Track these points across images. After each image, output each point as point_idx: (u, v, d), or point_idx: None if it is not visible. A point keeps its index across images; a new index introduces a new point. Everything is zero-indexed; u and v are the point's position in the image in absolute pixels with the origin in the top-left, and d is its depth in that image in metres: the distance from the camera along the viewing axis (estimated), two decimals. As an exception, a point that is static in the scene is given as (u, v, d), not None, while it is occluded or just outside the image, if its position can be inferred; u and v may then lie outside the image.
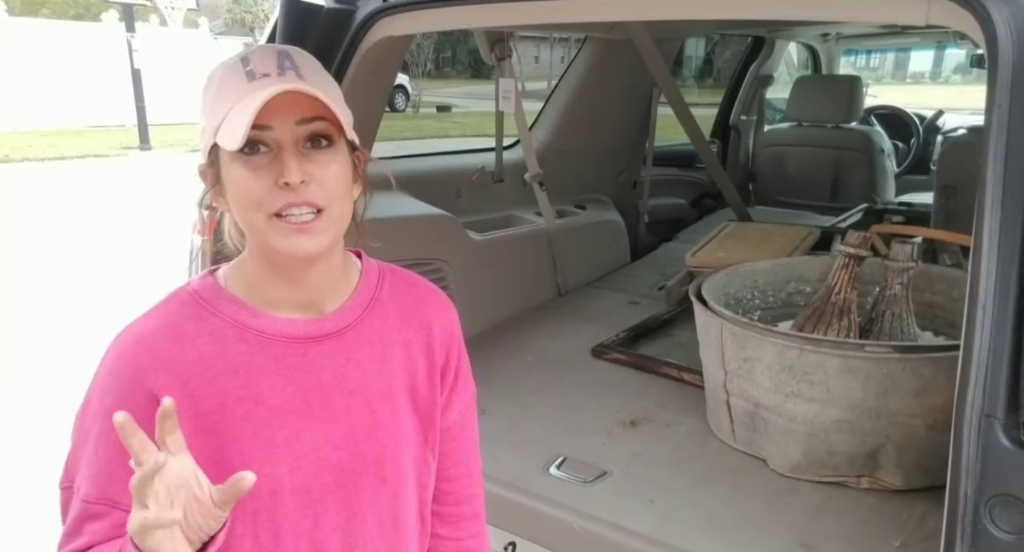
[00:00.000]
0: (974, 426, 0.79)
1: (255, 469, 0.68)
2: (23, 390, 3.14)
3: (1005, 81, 0.83)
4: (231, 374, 0.71)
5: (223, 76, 0.69)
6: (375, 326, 0.78)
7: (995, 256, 0.80)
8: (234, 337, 0.72)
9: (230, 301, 0.73)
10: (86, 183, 8.29)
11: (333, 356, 0.75)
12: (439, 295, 0.86)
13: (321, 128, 0.67)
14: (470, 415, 0.89)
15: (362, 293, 0.78)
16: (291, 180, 0.65)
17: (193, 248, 1.49)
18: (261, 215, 0.67)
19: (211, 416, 0.70)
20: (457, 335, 0.85)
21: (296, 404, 0.72)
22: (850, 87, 3.32)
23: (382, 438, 0.76)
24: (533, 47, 18.63)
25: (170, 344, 0.71)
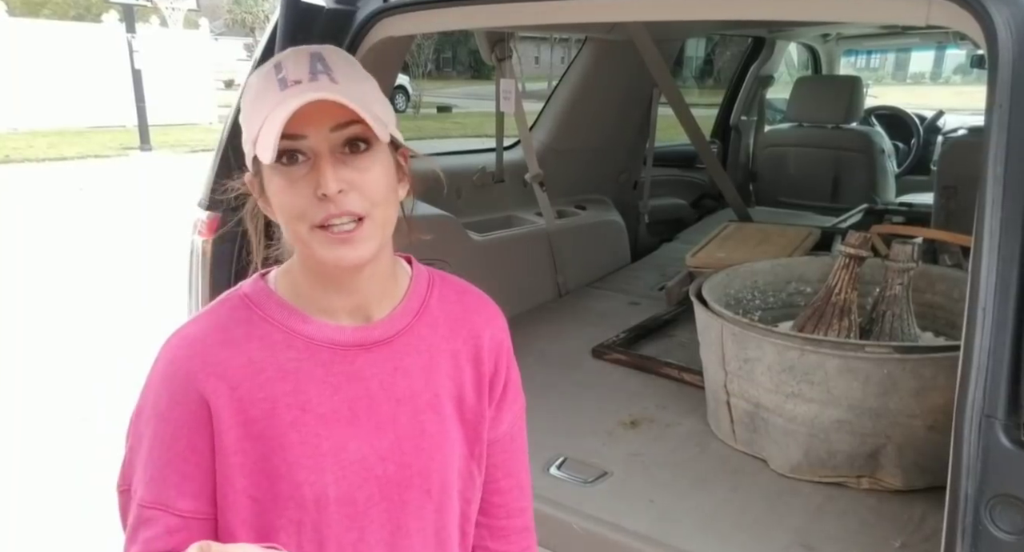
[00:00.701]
0: (974, 426, 0.79)
1: (301, 478, 0.69)
2: (23, 390, 3.14)
3: (1005, 81, 0.83)
4: (280, 380, 0.70)
5: (257, 84, 0.67)
6: (423, 334, 0.76)
7: (995, 256, 0.80)
8: (283, 343, 0.71)
9: (280, 306, 0.72)
10: (86, 184, 8.29)
11: (381, 364, 0.73)
12: (489, 304, 0.83)
13: (357, 132, 0.65)
14: (519, 426, 0.86)
15: (411, 300, 0.77)
16: (328, 191, 0.63)
17: (194, 249, 1.50)
18: (304, 226, 0.66)
19: (259, 422, 0.69)
20: (507, 345, 0.82)
21: (343, 412, 0.71)
22: (850, 87, 3.32)
23: (428, 449, 0.75)
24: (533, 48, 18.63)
25: (220, 349, 0.70)
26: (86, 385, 3.16)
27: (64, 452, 2.63)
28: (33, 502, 2.31)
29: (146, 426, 0.71)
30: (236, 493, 0.70)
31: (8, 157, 9.78)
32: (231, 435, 0.69)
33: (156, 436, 0.70)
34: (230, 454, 0.69)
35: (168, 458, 0.69)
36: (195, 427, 0.69)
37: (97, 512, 2.25)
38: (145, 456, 0.71)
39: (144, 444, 0.71)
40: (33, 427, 2.82)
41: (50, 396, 3.06)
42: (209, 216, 1.47)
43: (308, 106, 0.62)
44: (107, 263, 5.18)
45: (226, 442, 0.69)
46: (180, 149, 11.31)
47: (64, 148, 10.66)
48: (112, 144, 11.35)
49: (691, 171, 3.40)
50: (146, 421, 0.71)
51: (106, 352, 3.57)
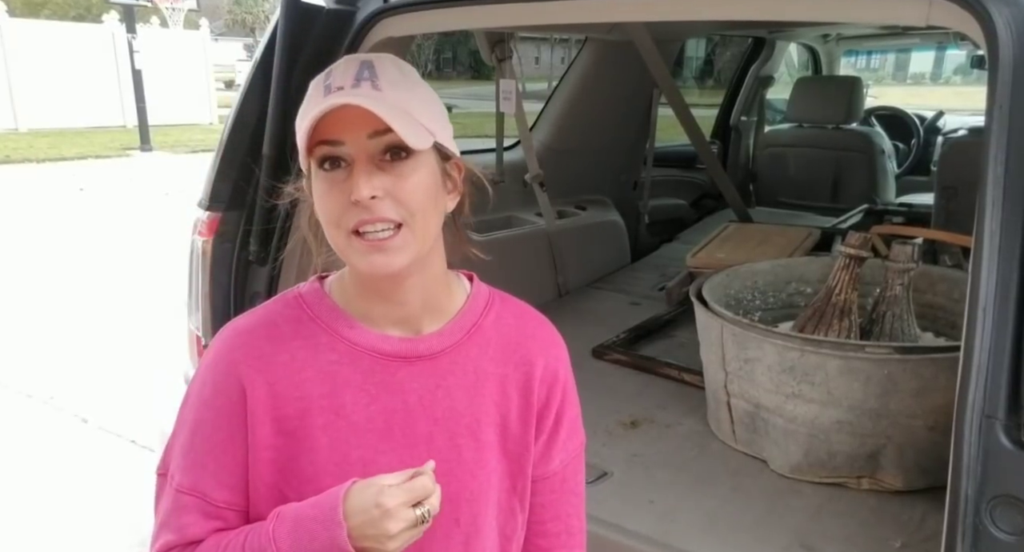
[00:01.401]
0: (975, 427, 0.79)
1: (326, 484, 0.68)
2: (22, 390, 3.14)
3: (1006, 82, 0.83)
4: (318, 382, 0.70)
5: (310, 91, 0.68)
6: (472, 355, 0.74)
7: (996, 257, 0.80)
8: (326, 345, 0.71)
9: (330, 309, 0.72)
10: (87, 184, 8.29)
11: (423, 380, 0.72)
12: (550, 331, 0.80)
13: (395, 140, 0.64)
14: (575, 467, 0.82)
15: (465, 318, 0.75)
16: (359, 197, 0.63)
17: (194, 248, 1.50)
18: (340, 233, 0.66)
19: (293, 421, 0.69)
20: (564, 377, 0.79)
21: (377, 423, 0.70)
22: (850, 88, 3.32)
23: (461, 476, 0.72)
24: (533, 48, 18.64)
25: (265, 343, 0.70)
26: (87, 386, 3.16)
27: (64, 452, 2.63)
28: (33, 502, 2.31)
29: (190, 412, 0.72)
30: (267, 487, 0.70)
31: (8, 157, 9.79)
32: (265, 430, 0.69)
33: (199, 423, 0.70)
34: (262, 448, 0.69)
35: (209, 447, 0.70)
36: (235, 417, 0.69)
37: (97, 512, 2.25)
38: (186, 442, 0.71)
39: (186, 430, 0.71)
40: (33, 427, 2.82)
41: (50, 396, 3.06)
42: (209, 216, 1.46)
43: (348, 113, 0.63)
44: (107, 263, 5.18)
45: (259, 436, 0.69)
46: (180, 149, 11.31)
47: (64, 148, 10.67)
48: (112, 144, 11.36)
49: (691, 171, 3.40)
50: (191, 407, 0.72)
51: (106, 352, 3.57)
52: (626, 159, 2.94)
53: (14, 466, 2.54)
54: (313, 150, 0.65)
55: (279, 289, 1.44)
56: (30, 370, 3.35)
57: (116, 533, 2.15)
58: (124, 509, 2.25)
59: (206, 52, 14.74)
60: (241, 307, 1.46)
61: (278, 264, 1.44)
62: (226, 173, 1.45)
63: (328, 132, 0.64)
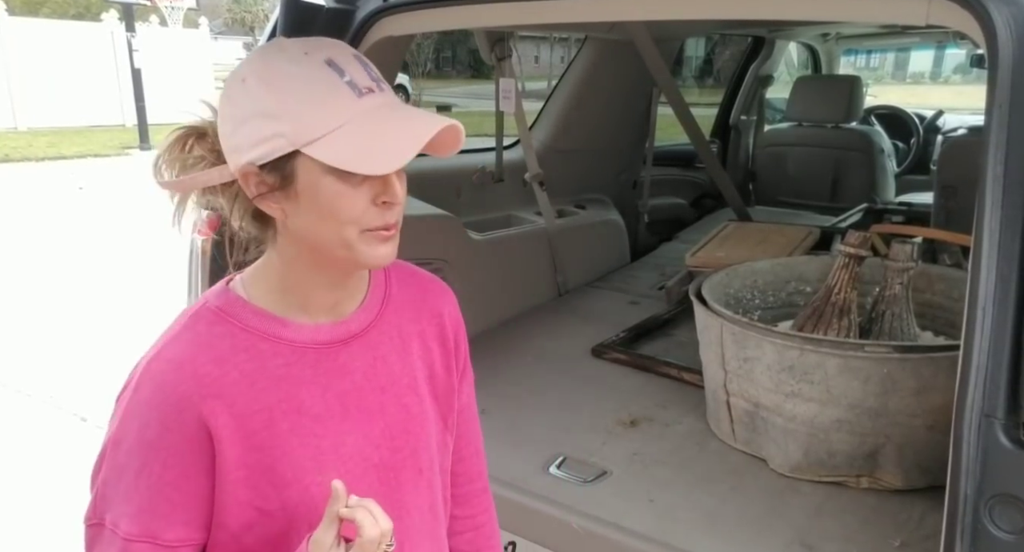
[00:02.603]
0: (974, 426, 0.79)
1: (308, 481, 0.70)
2: (22, 389, 3.14)
3: (1005, 81, 0.83)
4: (273, 388, 0.70)
5: (312, 79, 0.63)
6: (393, 321, 0.79)
7: (995, 256, 0.80)
8: (269, 351, 0.71)
9: (256, 314, 0.72)
10: (86, 183, 8.29)
11: (362, 356, 0.75)
12: (439, 282, 0.87)
13: None
14: (471, 394, 0.91)
15: (376, 289, 0.79)
16: (399, 200, 0.66)
17: (194, 248, 1.49)
18: (354, 230, 0.66)
19: (260, 434, 0.69)
20: (460, 319, 0.86)
21: (336, 409, 0.73)
22: (850, 87, 3.32)
23: (414, 430, 0.78)
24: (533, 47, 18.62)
25: (211, 367, 0.68)
26: (85, 385, 3.16)
27: (63, 452, 2.63)
28: (32, 502, 2.31)
29: (129, 457, 0.68)
30: (241, 505, 0.69)
31: (8, 156, 9.78)
32: (234, 452, 0.68)
33: (144, 465, 0.67)
34: (232, 470, 0.68)
35: (159, 487, 0.67)
36: (190, 453, 0.67)
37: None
38: (129, 488, 0.67)
39: (128, 476, 0.68)
40: (32, 426, 2.82)
41: (49, 395, 3.06)
42: (209, 215, 1.46)
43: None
44: (106, 262, 5.18)
45: (228, 460, 0.68)
46: (179, 148, 11.28)
47: (64, 147, 10.66)
48: (112, 143, 11.34)
49: (691, 170, 3.40)
50: (128, 451, 0.68)
51: (105, 351, 3.57)
52: (626, 158, 2.94)
53: (13, 465, 2.54)
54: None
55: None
56: (29, 369, 3.35)
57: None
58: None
59: (205, 51, 14.73)
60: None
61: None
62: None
63: None
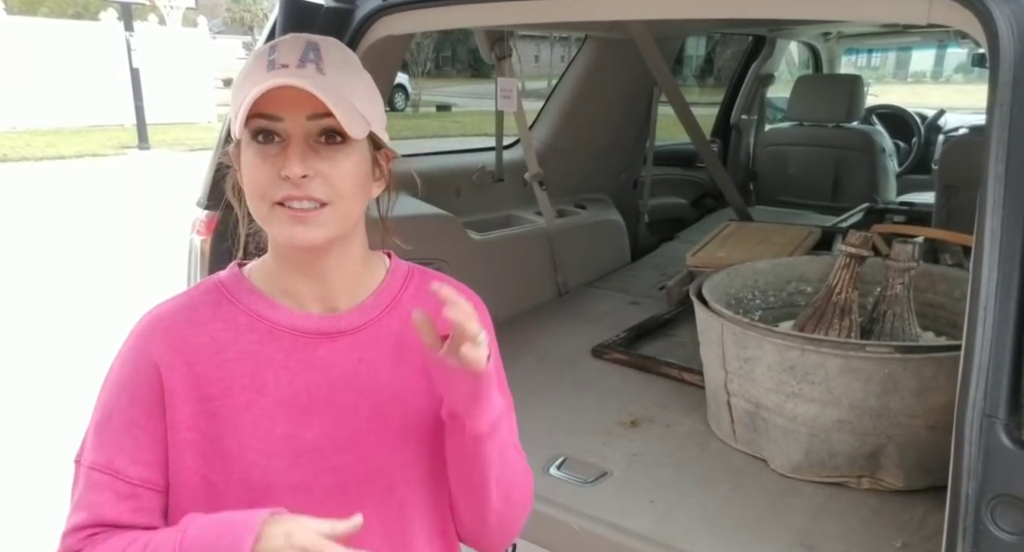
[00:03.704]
0: (975, 426, 0.79)
1: (251, 460, 0.70)
2: (21, 389, 3.14)
3: (1007, 80, 0.83)
4: (239, 362, 0.71)
5: (250, 63, 0.69)
6: (393, 328, 0.76)
7: (997, 256, 0.80)
8: (246, 326, 0.72)
9: (249, 291, 0.74)
10: (85, 182, 8.28)
11: (345, 355, 0.74)
12: (467, 295, 0.80)
13: (333, 124, 0.66)
14: (509, 424, 0.81)
15: (383, 293, 0.77)
16: (290, 174, 0.65)
17: (192, 247, 1.49)
18: (264, 204, 0.68)
19: (215, 401, 0.70)
20: (488, 340, 0.79)
21: (301, 399, 0.72)
22: (851, 86, 3.32)
23: (391, 445, 0.74)
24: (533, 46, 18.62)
25: (184, 326, 0.72)
26: (84, 385, 3.15)
27: (62, 452, 2.63)
28: (31, 502, 2.31)
29: (107, 394, 0.73)
30: (188, 472, 0.70)
31: (6, 156, 9.77)
32: (184, 410, 0.70)
33: (114, 402, 0.72)
34: (183, 429, 0.70)
35: (126, 423, 0.70)
36: (151, 397, 0.70)
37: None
38: (102, 421, 0.72)
39: (103, 411, 0.72)
40: (31, 426, 2.81)
41: (48, 395, 3.06)
42: (207, 215, 1.46)
43: (289, 91, 0.64)
44: (105, 262, 5.18)
45: (179, 417, 0.70)
46: (178, 148, 11.30)
47: (62, 147, 10.65)
48: (110, 143, 11.34)
49: (691, 170, 3.39)
50: (108, 390, 0.73)
51: (105, 351, 3.56)
52: (626, 158, 2.93)
53: (12, 465, 2.54)
54: (249, 122, 0.66)
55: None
56: (28, 368, 3.35)
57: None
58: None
59: (204, 50, 14.72)
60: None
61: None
62: (225, 172, 1.44)
63: (267, 106, 0.65)
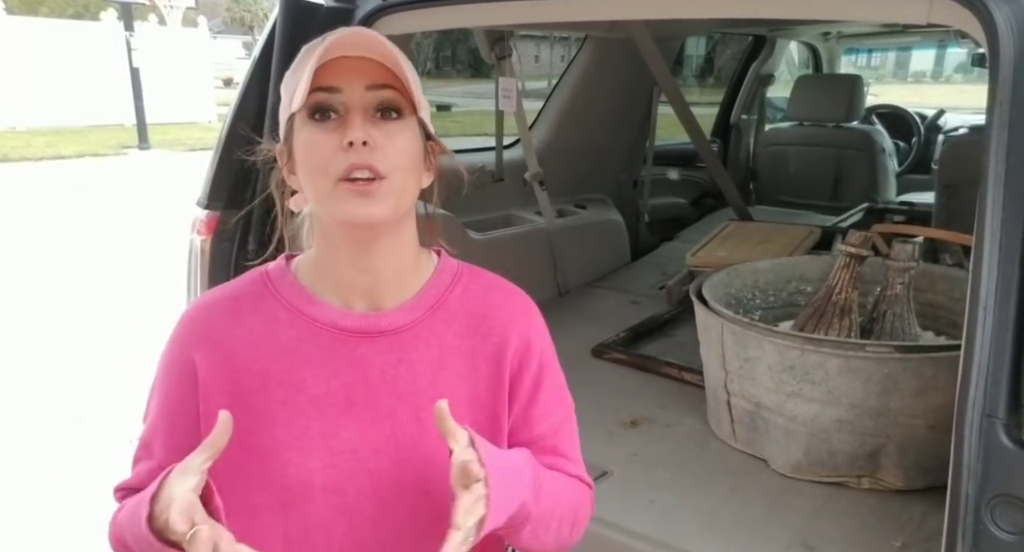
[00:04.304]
0: (975, 426, 0.79)
1: (286, 458, 0.69)
2: (20, 389, 3.14)
3: (1006, 80, 0.83)
4: (276, 357, 0.71)
5: (302, 53, 0.69)
6: (436, 330, 0.73)
7: (997, 256, 0.80)
8: (286, 321, 0.72)
9: (292, 285, 0.74)
10: (84, 182, 8.28)
11: (385, 355, 0.71)
12: (520, 299, 0.79)
13: (390, 97, 0.66)
14: (566, 433, 0.80)
15: (428, 293, 0.74)
16: (354, 138, 0.63)
17: (192, 247, 1.49)
18: (328, 180, 0.65)
19: (251, 395, 0.70)
20: (539, 345, 0.77)
21: (338, 398, 0.70)
22: (851, 86, 3.32)
23: (428, 451, 0.71)
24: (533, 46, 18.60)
25: (224, 317, 0.72)
26: (84, 385, 3.16)
27: (62, 452, 2.63)
28: (31, 502, 2.31)
29: (155, 376, 0.76)
30: (227, 464, 0.68)
31: (6, 156, 9.77)
32: (221, 402, 0.69)
33: (156, 385, 0.75)
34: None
35: (161, 408, 0.74)
36: (183, 387, 0.72)
37: (95, 511, 2.25)
38: (149, 401, 0.76)
39: (151, 391, 0.76)
40: (31, 427, 2.81)
41: (48, 395, 3.06)
42: (208, 215, 1.46)
43: (348, 62, 0.64)
44: (105, 262, 5.18)
45: (214, 408, 0.68)
46: (178, 148, 11.29)
47: (62, 147, 10.65)
48: (110, 142, 11.34)
49: (691, 170, 3.39)
50: (156, 372, 0.76)
51: (104, 351, 3.57)
52: (626, 157, 2.93)
53: (11, 465, 2.54)
54: (307, 97, 0.65)
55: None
56: (27, 368, 3.35)
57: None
58: (123, 508, 2.25)
59: (204, 50, 14.72)
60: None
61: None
62: (224, 172, 1.44)
63: (325, 79, 0.65)
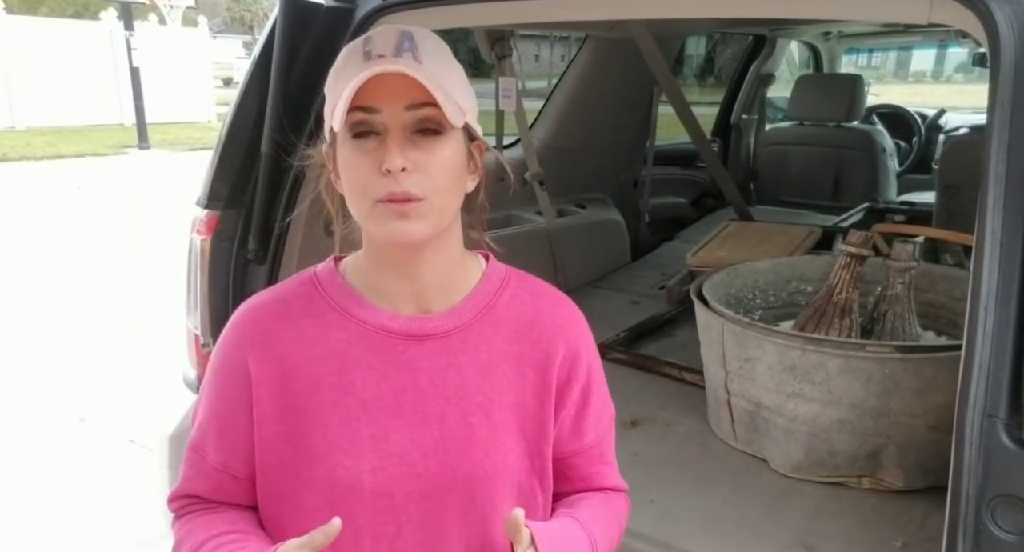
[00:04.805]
0: (976, 426, 0.79)
1: (335, 460, 0.69)
2: (20, 389, 3.14)
3: (1007, 80, 0.82)
4: (327, 359, 0.71)
5: (343, 57, 0.68)
6: (485, 334, 0.73)
7: (997, 256, 0.80)
8: (335, 323, 0.72)
9: (341, 287, 0.74)
10: (84, 182, 8.28)
11: (433, 359, 0.71)
12: (569, 308, 0.79)
13: (431, 114, 0.65)
14: (609, 442, 0.81)
15: (476, 297, 0.74)
16: (391, 167, 0.63)
17: (192, 247, 1.49)
18: (367, 201, 0.66)
19: (302, 397, 0.70)
20: (587, 354, 0.78)
21: (387, 401, 0.70)
22: (852, 86, 3.32)
23: (475, 456, 0.71)
24: (533, 45, 18.61)
25: (275, 319, 0.72)
26: (84, 385, 3.15)
27: (62, 452, 2.63)
28: (31, 502, 2.31)
29: (207, 380, 0.76)
30: (281, 463, 0.71)
31: (6, 155, 9.77)
32: (274, 404, 0.70)
33: (210, 388, 0.75)
34: (271, 422, 0.71)
35: (215, 411, 0.73)
36: (237, 390, 0.72)
37: (95, 511, 2.25)
38: (201, 405, 0.76)
39: (202, 394, 0.76)
40: (31, 427, 2.81)
41: (48, 396, 3.06)
42: (208, 215, 1.46)
43: (387, 81, 0.63)
44: (105, 262, 5.18)
45: (267, 410, 0.71)
46: (178, 147, 11.30)
47: (62, 146, 10.65)
48: (110, 142, 11.34)
49: (692, 170, 3.39)
50: (208, 376, 0.76)
51: (104, 351, 3.56)
52: (626, 157, 2.93)
53: (12, 465, 2.53)
54: (347, 115, 0.65)
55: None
56: (27, 369, 3.34)
57: (114, 533, 2.15)
58: (122, 508, 2.25)
59: (204, 49, 14.71)
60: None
61: (277, 263, 1.43)
62: (224, 171, 1.44)
63: (365, 99, 0.64)
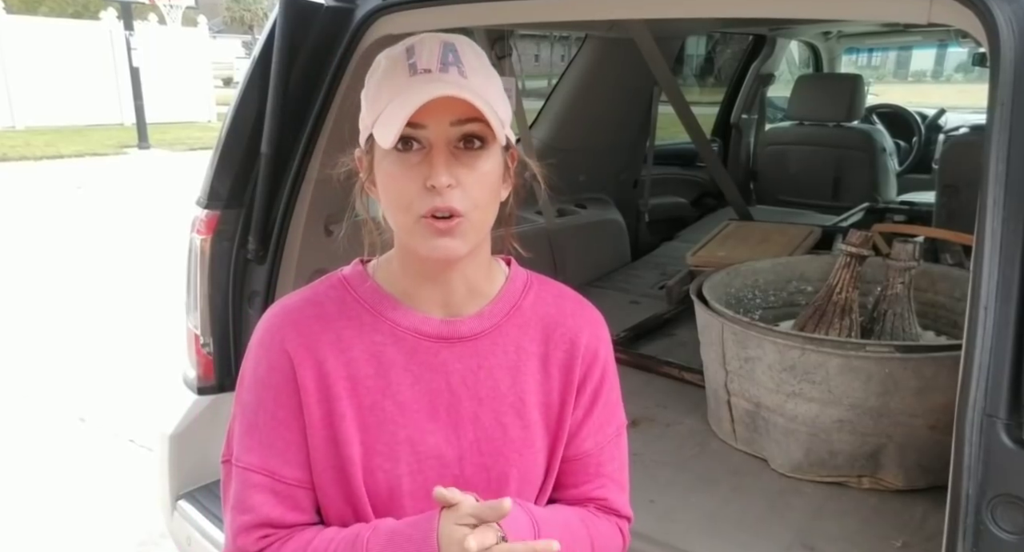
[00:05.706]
0: (976, 426, 0.79)
1: (375, 464, 0.70)
2: (20, 389, 3.14)
3: (1007, 79, 0.82)
4: (363, 362, 0.71)
5: (387, 67, 0.67)
6: (512, 335, 0.74)
7: (997, 255, 0.80)
8: (370, 325, 0.72)
9: (373, 290, 0.74)
10: (84, 182, 8.28)
11: (465, 360, 0.72)
12: (590, 311, 0.80)
13: (475, 129, 0.65)
14: (611, 452, 0.79)
15: (503, 300, 0.75)
16: (438, 183, 0.63)
17: (192, 247, 1.49)
18: (410, 217, 0.66)
19: (342, 400, 0.70)
20: (604, 357, 0.78)
21: (423, 403, 0.71)
22: (852, 86, 3.32)
23: (509, 455, 0.73)
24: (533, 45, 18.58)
25: (313, 322, 0.71)
26: (84, 385, 3.15)
27: (62, 452, 2.63)
28: (31, 502, 2.31)
29: (248, 393, 0.72)
30: (324, 468, 0.70)
31: (6, 155, 9.77)
32: (318, 409, 0.70)
33: (259, 401, 0.71)
34: (318, 427, 0.70)
35: (274, 424, 0.70)
36: (290, 395, 0.70)
37: (95, 511, 2.25)
38: (249, 421, 0.71)
39: (248, 410, 0.72)
40: (31, 427, 2.81)
41: (48, 396, 3.06)
42: (208, 214, 1.46)
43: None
44: (105, 262, 5.18)
45: (313, 415, 0.70)
46: (178, 147, 11.29)
47: (62, 146, 10.65)
48: (110, 142, 11.34)
49: (692, 169, 3.39)
50: (248, 388, 0.72)
51: (104, 351, 3.56)
52: (626, 157, 2.93)
53: (12, 465, 2.54)
54: None
55: (278, 287, 1.44)
56: (27, 369, 3.34)
57: (114, 533, 2.15)
58: (122, 509, 2.25)
59: (204, 49, 14.71)
60: (239, 306, 1.45)
61: (277, 262, 1.43)
62: (224, 171, 1.44)
63: (412, 115, 0.63)
